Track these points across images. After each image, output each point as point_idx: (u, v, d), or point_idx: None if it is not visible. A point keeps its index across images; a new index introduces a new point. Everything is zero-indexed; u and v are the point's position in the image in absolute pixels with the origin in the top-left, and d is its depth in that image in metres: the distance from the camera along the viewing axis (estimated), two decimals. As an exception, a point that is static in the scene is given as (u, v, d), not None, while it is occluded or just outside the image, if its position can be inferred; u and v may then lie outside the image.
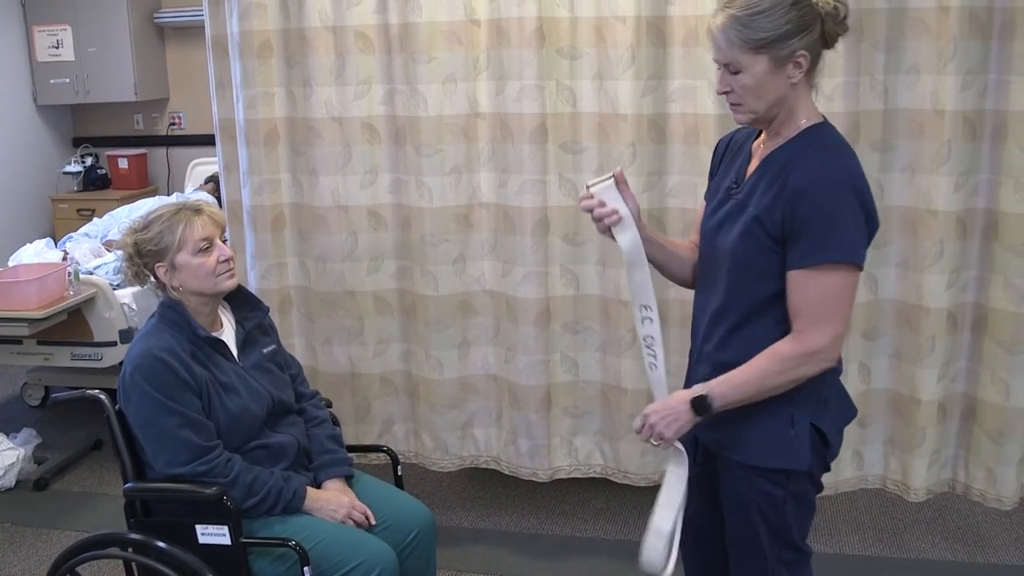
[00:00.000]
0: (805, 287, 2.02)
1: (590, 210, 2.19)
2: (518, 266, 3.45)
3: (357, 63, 3.45)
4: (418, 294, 3.57)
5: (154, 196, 6.70)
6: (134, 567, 2.62)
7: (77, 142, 7.73)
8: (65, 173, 7.49)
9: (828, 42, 2.06)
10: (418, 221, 3.51)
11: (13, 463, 4.39)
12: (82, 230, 5.91)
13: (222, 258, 2.58)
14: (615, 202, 2.18)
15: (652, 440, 2.14)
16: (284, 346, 2.91)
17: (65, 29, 7.11)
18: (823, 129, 2.10)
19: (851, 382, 3.33)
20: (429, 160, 3.44)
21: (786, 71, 2.02)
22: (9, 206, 7.10)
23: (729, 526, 2.26)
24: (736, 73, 2.05)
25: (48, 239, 5.55)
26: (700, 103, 3.22)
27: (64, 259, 4.93)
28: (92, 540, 2.59)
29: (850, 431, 3.34)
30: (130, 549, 2.56)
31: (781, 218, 2.03)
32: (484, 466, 3.74)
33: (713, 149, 2.39)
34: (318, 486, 2.67)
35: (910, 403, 3.30)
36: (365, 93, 3.47)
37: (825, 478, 3.33)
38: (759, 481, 2.15)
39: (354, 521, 2.57)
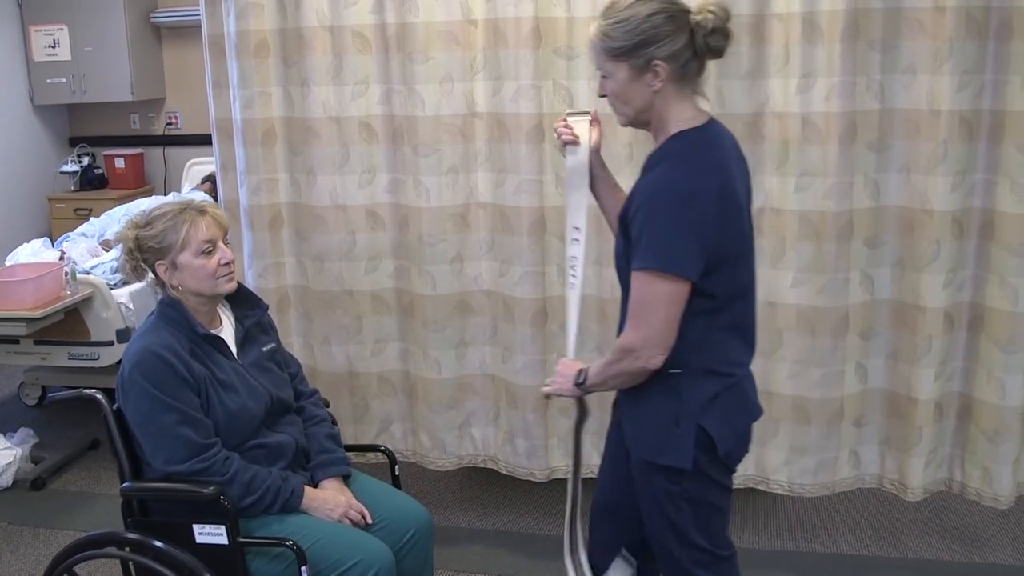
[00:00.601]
0: (633, 287, 2.13)
1: (557, 131, 2.47)
2: (515, 266, 3.46)
3: (355, 63, 3.45)
4: (416, 293, 3.57)
5: (151, 196, 6.70)
6: (131, 566, 2.62)
7: (74, 142, 7.73)
8: (62, 173, 7.49)
9: (706, 52, 2.15)
10: (416, 221, 3.51)
11: (10, 463, 4.39)
12: (79, 230, 5.91)
13: (223, 261, 2.58)
14: (582, 132, 2.46)
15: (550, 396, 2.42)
16: (283, 345, 2.91)
17: (62, 29, 7.10)
18: (685, 137, 2.17)
19: (848, 382, 3.34)
20: (426, 160, 3.44)
21: (646, 79, 2.14)
22: (6, 206, 7.09)
23: (644, 521, 2.36)
24: (606, 79, 2.21)
25: (45, 239, 5.55)
26: (697, 102, 3.22)
27: (61, 259, 4.93)
28: (89, 540, 2.59)
29: (846, 430, 3.37)
30: (127, 549, 2.56)
31: (630, 222, 2.16)
32: (482, 465, 3.74)
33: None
34: (315, 485, 2.67)
35: (907, 402, 3.31)
36: (363, 93, 3.48)
37: (822, 477, 3.40)
38: (657, 477, 2.25)
39: (351, 520, 2.57)
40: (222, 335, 2.66)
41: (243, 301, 2.78)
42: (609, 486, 2.55)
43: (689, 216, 2.06)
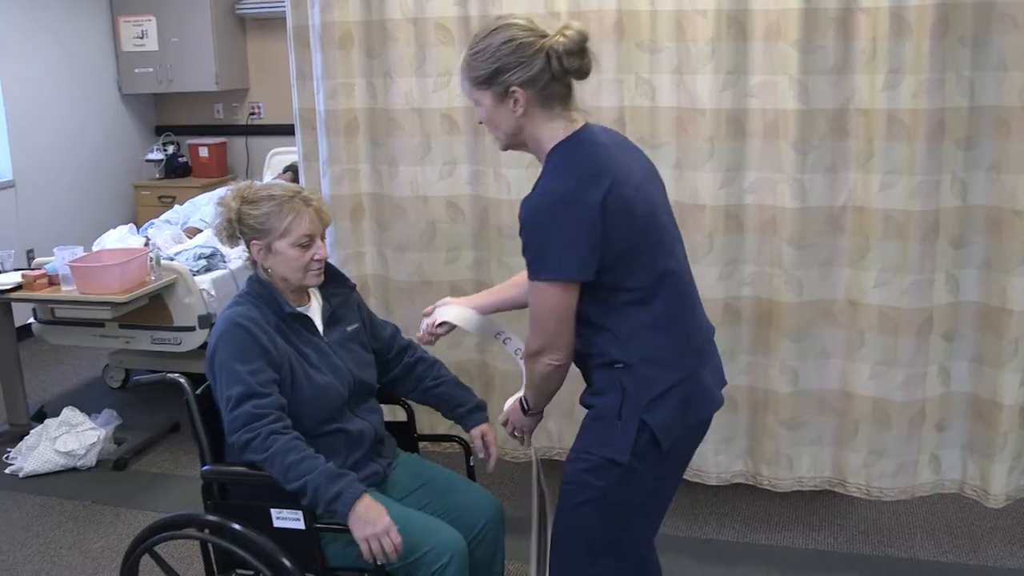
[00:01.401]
0: (529, 296, 2.23)
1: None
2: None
3: (437, 55, 3.47)
4: (494, 285, 3.57)
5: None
6: (210, 548, 2.66)
7: (159, 130, 7.87)
8: (147, 161, 7.64)
9: (566, 74, 2.20)
10: (495, 212, 3.52)
11: (94, 443, 4.49)
12: (163, 217, 6.03)
13: (317, 257, 2.58)
14: (451, 316, 2.69)
15: (515, 434, 2.54)
16: (375, 317, 2.94)
17: (150, 20, 7.23)
18: (559, 150, 2.22)
19: (930, 385, 3.28)
20: (509, 155, 3.45)
21: (508, 105, 2.22)
22: (94, 192, 7.25)
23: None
24: (479, 106, 2.29)
25: (131, 225, 5.66)
26: (780, 98, 3.18)
27: (146, 245, 5.02)
28: (170, 520, 2.63)
29: (928, 434, 3.31)
30: (207, 530, 2.59)
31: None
32: (556, 458, 3.74)
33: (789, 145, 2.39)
34: (467, 430, 2.83)
35: (991, 407, 3.24)
36: (445, 85, 3.49)
37: (901, 481, 3.35)
38: (581, 465, 2.31)
39: (372, 549, 2.37)
40: (309, 313, 2.67)
41: (331, 280, 2.76)
42: None
43: (570, 222, 2.12)
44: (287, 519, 2.43)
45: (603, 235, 2.13)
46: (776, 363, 3.40)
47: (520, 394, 2.48)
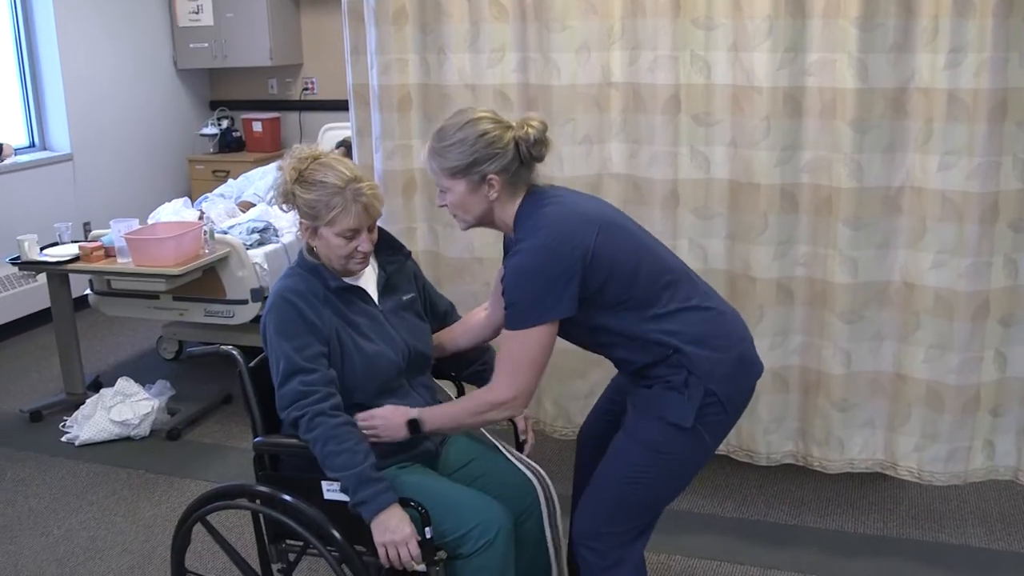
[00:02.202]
0: (506, 345, 2.39)
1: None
2: (645, 238, 3.43)
3: (491, 31, 3.46)
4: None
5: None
6: (261, 518, 2.68)
7: (214, 105, 7.93)
8: (202, 135, 7.70)
9: (531, 160, 2.41)
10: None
11: (148, 413, 4.56)
12: (217, 191, 6.08)
13: (361, 249, 2.54)
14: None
15: (369, 434, 2.48)
16: (431, 287, 2.94)
17: (205, -5, 7.30)
18: (526, 217, 2.40)
19: (985, 369, 3.24)
20: (561, 129, 3.43)
21: (482, 191, 2.40)
22: (150, 166, 7.33)
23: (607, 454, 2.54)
24: (444, 192, 2.45)
25: (185, 198, 5.72)
26: (838, 77, 3.13)
27: (200, 218, 5.07)
28: (222, 491, 2.66)
29: (982, 419, 3.27)
30: (258, 501, 2.62)
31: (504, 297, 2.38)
32: (560, 436, 3.74)
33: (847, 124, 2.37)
34: None
35: (1049, 393, 3.19)
36: (498, 61, 3.48)
37: (954, 466, 3.32)
38: (644, 429, 2.45)
39: (390, 558, 2.38)
40: (361, 283, 2.65)
41: (386, 247, 2.75)
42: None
43: (553, 272, 2.29)
44: (337, 491, 2.43)
45: (584, 276, 2.31)
46: (829, 344, 3.36)
47: (415, 415, 2.49)
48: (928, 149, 3.11)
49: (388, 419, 2.49)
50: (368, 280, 2.69)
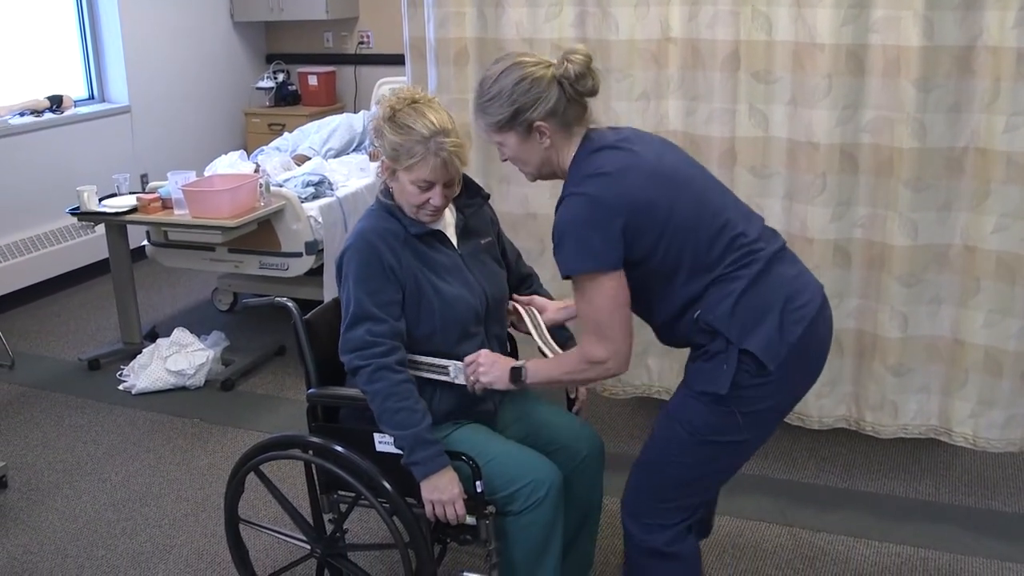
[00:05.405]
0: (578, 302, 2.32)
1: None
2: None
3: (549, -16, 3.43)
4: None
5: (341, 113, 6.83)
6: (313, 469, 2.71)
7: (270, 58, 7.95)
8: (258, 88, 7.72)
9: (579, 96, 2.30)
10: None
11: (203, 363, 4.61)
12: (273, 144, 6.11)
13: (433, 203, 2.49)
14: None
15: (471, 377, 2.46)
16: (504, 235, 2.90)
17: (263, -53, 7.29)
18: (577, 164, 2.31)
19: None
20: (618, 85, 3.40)
21: (534, 139, 2.32)
22: (206, 118, 7.37)
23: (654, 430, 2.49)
24: (502, 146, 2.38)
25: (241, 151, 5.75)
26: (903, 35, 3.06)
27: (256, 171, 5.09)
28: (276, 441, 2.70)
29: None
30: (311, 452, 2.65)
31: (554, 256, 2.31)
32: (655, 396, 3.73)
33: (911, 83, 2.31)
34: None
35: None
36: (556, 15, 3.45)
37: (1010, 433, 3.31)
38: (687, 402, 2.37)
39: (436, 514, 2.44)
40: (439, 227, 2.61)
41: (465, 190, 2.69)
42: None
43: (596, 217, 2.20)
44: (388, 443, 2.45)
45: (633, 231, 2.21)
46: (886, 307, 3.32)
47: (522, 363, 2.44)
48: (995, 109, 3.04)
49: (494, 363, 2.46)
50: (447, 224, 2.65)
